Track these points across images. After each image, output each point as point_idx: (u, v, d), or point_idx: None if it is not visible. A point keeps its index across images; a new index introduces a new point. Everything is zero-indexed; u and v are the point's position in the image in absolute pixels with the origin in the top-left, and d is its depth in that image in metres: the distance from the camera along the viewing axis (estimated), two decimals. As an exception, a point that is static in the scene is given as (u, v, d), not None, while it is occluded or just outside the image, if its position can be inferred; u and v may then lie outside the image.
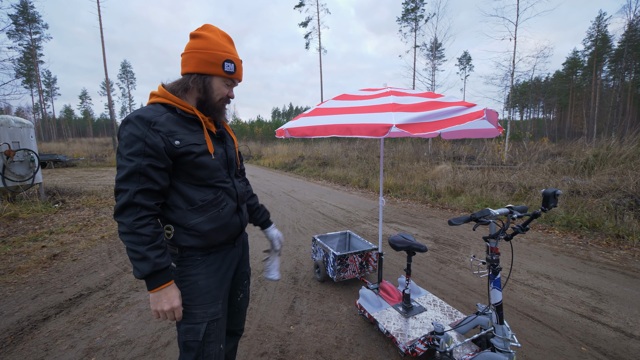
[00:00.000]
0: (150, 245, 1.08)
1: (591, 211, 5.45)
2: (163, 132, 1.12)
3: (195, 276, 1.24)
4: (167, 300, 1.13)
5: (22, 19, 36.06)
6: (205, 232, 1.22)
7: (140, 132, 1.09)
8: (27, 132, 7.10)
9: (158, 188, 1.13)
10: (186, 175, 1.21)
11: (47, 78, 51.99)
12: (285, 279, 3.57)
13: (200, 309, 1.22)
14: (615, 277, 3.53)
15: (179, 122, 1.19)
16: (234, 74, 1.26)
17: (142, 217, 1.09)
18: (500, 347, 1.69)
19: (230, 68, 1.23)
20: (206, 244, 1.24)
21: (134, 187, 1.08)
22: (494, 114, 1.97)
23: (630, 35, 27.11)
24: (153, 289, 1.11)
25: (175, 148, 1.14)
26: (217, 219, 1.24)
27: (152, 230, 1.10)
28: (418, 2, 25.91)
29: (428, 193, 8.38)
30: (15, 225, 5.52)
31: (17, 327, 2.63)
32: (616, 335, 2.51)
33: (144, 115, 1.11)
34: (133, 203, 1.08)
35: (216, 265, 1.30)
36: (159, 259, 1.09)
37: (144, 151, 1.09)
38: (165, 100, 1.19)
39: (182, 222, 1.20)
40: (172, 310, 1.15)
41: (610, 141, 9.00)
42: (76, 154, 21.95)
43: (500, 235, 1.68)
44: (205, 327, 1.23)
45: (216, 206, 1.25)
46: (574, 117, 43.38)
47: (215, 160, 1.25)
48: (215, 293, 1.27)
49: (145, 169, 1.09)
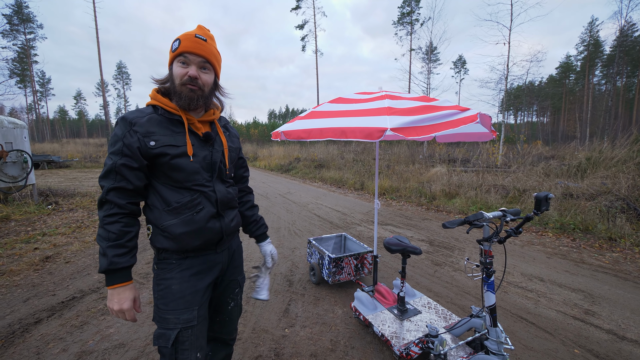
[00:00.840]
0: (113, 242, 1.10)
1: (584, 214, 5.51)
2: (140, 132, 1.15)
3: (169, 280, 1.22)
4: (118, 300, 1.14)
5: (17, 18, 35.75)
6: (177, 235, 1.19)
7: (121, 132, 1.14)
8: (20, 132, 7.03)
9: (131, 187, 1.16)
10: (164, 176, 1.21)
11: (41, 78, 51.58)
12: (280, 281, 3.56)
13: (172, 314, 1.19)
14: (608, 280, 3.58)
15: (162, 123, 1.19)
16: (178, 48, 1.17)
17: (112, 214, 1.13)
18: (494, 349, 1.70)
19: (176, 44, 1.18)
20: (179, 247, 1.21)
21: (108, 184, 1.13)
22: (487, 118, 1.99)
23: (622, 40, 27.59)
24: (109, 286, 1.14)
25: (149, 149, 1.15)
26: (190, 223, 1.20)
27: (119, 229, 1.12)
28: (414, 6, 26.15)
29: (423, 195, 8.42)
30: (7, 227, 5.45)
31: (8, 331, 2.59)
32: (609, 338, 2.54)
33: (127, 116, 1.16)
34: (106, 200, 1.13)
35: (192, 270, 1.25)
36: (117, 257, 1.10)
37: (122, 150, 1.13)
38: (154, 102, 1.23)
39: (158, 222, 1.20)
40: (121, 311, 1.15)
41: (602, 144, 9.12)
42: (70, 155, 21.74)
43: (493, 238, 1.70)
44: (176, 334, 1.18)
45: (190, 209, 1.21)
46: (567, 120, 43.94)
47: (194, 163, 1.22)
48: (189, 299, 1.22)
49: (120, 168, 1.13)
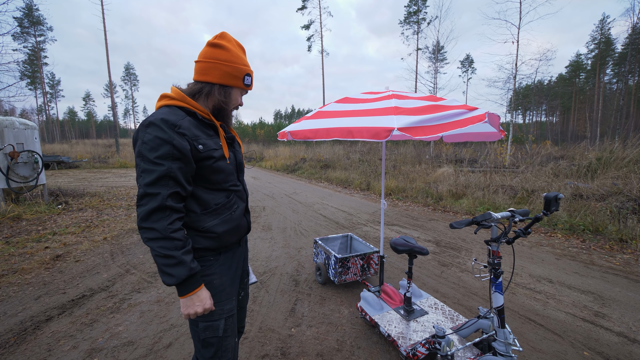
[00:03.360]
0: (184, 249, 1.09)
1: (594, 215, 5.42)
2: (189, 135, 1.13)
3: (210, 276, 1.27)
4: (200, 302, 1.15)
5: (27, 21, 36.45)
6: (220, 234, 1.26)
7: (167, 135, 1.07)
8: (31, 133, 7.16)
9: (185, 194, 1.14)
10: (202, 180, 1.22)
11: (51, 80, 52.52)
12: (286, 281, 3.57)
13: (217, 306, 1.27)
14: (619, 282, 3.51)
15: (198, 126, 1.21)
16: (250, 85, 1.35)
17: (173, 220, 1.08)
18: (502, 351, 1.68)
19: (249, 82, 1.32)
20: (219, 244, 1.28)
21: (165, 191, 1.06)
22: (495, 117, 1.98)
23: (634, 38, 27.04)
24: (188, 293, 1.12)
25: (199, 152, 1.16)
26: (230, 221, 1.29)
27: (184, 235, 1.12)
28: (420, 4, 25.98)
29: (430, 196, 8.37)
30: (18, 226, 5.56)
31: (20, 328, 2.65)
32: (619, 340, 2.49)
33: (168, 118, 1.09)
34: (165, 206, 1.06)
35: (227, 264, 1.35)
36: (193, 263, 1.12)
37: (172, 154, 1.07)
38: (183, 104, 1.19)
39: (196, 225, 1.22)
40: (205, 311, 1.17)
41: (613, 144, 8.95)
42: (79, 156, 22.07)
43: (502, 238, 1.68)
44: (223, 324, 1.28)
45: (229, 209, 1.30)
46: (577, 120, 43.26)
47: (230, 164, 1.30)
48: (229, 290, 1.33)
49: (176, 173, 1.08)
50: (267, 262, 4.14)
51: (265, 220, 6.37)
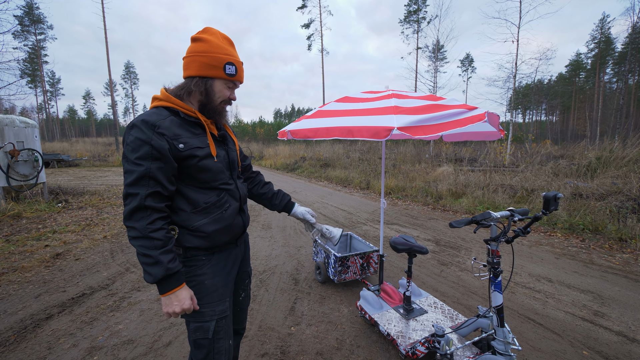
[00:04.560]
0: (163, 249, 1.09)
1: (594, 214, 5.43)
2: (168, 135, 1.13)
3: (201, 276, 1.26)
4: (178, 302, 1.15)
5: (28, 19, 36.38)
6: (210, 233, 1.24)
7: (145, 136, 1.09)
8: (31, 131, 7.15)
9: (167, 193, 1.15)
10: (190, 179, 1.22)
11: (51, 78, 52.40)
12: (286, 280, 3.57)
13: (208, 307, 1.25)
14: (618, 281, 3.52)
15: (182, 125, 1.20)
16: (235, 76, 1.27)
17: (153, 220, 1.09)
18: (501, 350, 1.69)
19: (232, 70, 1.25)
20: (210, 244, 1.26)
21: (144, 191, 1.08)
22: (495, 117, 1.98)
23: (634, 37, 26.99)
24: (166, 292, 1.12)
25: (179, 151, 1.15)
26: (220, 220, 1.27)
27: (164, 235, 1.11)
28: (420, 3, 25.93)
29: (429, 195, 8.37)
30: (19, 225, 5.56)
31: (20, 326, 2.65)
32: (618, 340, 2.50)
33: (148, 119, 1.11)
34: (144, 206, 1.08)
35: (221, 264, 1.33)
36: (171, 263, 1.11)
37: (151, 154, 1.09)
38: (167, 104, 1.20)
39: (186, 224, 1.21)
40: (183, 311, 1.17)
41: (613, 144, 8.94)
42: (79, 154, 22.06)
43: (501, 238, 1.68)
44: (214, 325, 1.26)
45: (219, 208, 1.27)
46: (577, 119, 43.25)
47: (218, 162, 1.28)
48: (221, 291, 1.30)
49: (155, 173, 1.10)
50: (266, 260, 4.14)
51: (265, 219, 6.38)
